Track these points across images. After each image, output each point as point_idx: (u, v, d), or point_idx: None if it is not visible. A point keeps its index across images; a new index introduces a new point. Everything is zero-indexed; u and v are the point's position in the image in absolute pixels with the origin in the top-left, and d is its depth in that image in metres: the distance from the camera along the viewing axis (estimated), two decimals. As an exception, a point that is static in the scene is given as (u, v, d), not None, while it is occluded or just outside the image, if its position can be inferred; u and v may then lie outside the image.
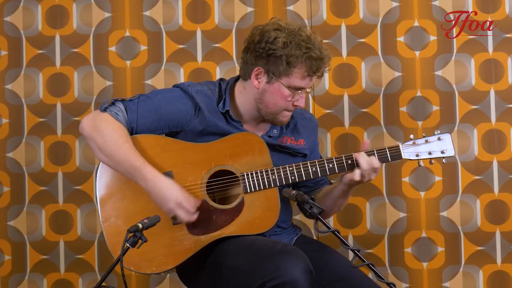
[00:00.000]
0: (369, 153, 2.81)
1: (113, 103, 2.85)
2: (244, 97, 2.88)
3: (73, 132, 3.63)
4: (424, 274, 3.57)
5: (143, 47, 3.65)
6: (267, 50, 2.78)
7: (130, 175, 2.78)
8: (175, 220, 2.76)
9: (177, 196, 2.74)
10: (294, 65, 2.75)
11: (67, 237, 3.64)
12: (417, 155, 2.84)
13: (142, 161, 2.77)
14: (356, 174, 2.77)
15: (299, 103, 2.82)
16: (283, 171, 2.81)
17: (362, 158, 2.78)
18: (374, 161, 2.78)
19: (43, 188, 3.65)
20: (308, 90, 2.82)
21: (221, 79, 2.96)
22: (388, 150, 2.82)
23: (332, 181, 3.07)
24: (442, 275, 3.57)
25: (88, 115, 2.86)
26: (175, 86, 2.93)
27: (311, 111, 3.56)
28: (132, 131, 2.84)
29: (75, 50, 3.67)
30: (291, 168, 2.81)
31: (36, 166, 3.65)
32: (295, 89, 2.79)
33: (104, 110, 2.84)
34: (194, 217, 2.77)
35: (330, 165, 2.82)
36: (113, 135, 2.78)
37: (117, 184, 2.82)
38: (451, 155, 2.85)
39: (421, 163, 2.86)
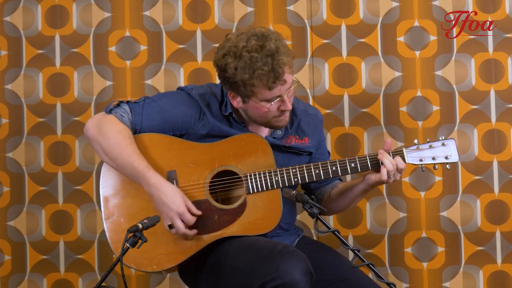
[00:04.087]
0: (363, 157, 2.82)
1: (118, 105, 2.86)
2: (242, 112, 2.88)
3: (73, 132, 3.63)
4: (424, 274, 3.57)
5: (143, 47, 3.65)
6: (224, 78, 2.76)
7: (133, 178, 2.79)
8: (170, 228, 2.76)
9: (179, 206, 2.74)
10: (251, 86, 2.72)
11: (67, 237, 3.64)
12: (420, 160, 2.83)
13: (145, 165, 2.77)
14: (383, 175, 2.78)
15: (284, 107, 2.78)
16: (286, 173, 2.80)
17: (386, 159, 2.78)
18: (399, 160, 2.79)
19: (43, 188, 3.64)
20: (285, 94, 2.75)
21: None
22: (392, 155, 2.81)
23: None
24: (442, 275, 3.57)
25: (93, 117, 2.86)
26: (180, 89, 2.93)
27: (311, 111, 3.56)
28: (135, 133, 2.84)
29: (75, 50, 3.66)
30: (294, 170, 2.81)
31: (36, 166, 3.65)
32: (270, 100, 2.76)
33: (110, 112, 2.84)
34: (191, 232, 2.77)
35: (333, 168, 2.82)
36: (117, 137, 2.78)
37: (121, 182, 2.83)
38: (455, 161, 2.84)
39: (425, 168, 2.86)
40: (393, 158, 2.80)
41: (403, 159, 2.82)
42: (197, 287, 2.87)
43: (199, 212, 2.77)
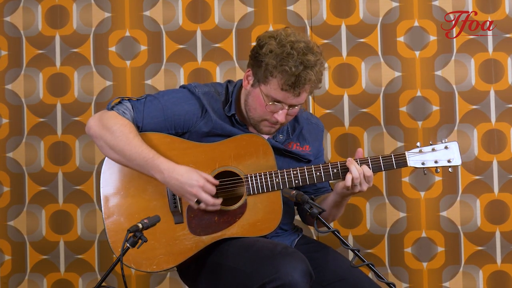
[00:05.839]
0: (363, 161, 2.80)
1: (120, 102, 2.85)
2: (243, 98, 2.88)
3: (73, 132, 3.64)
4: (424, 274, 3.57)
5: (143, 47, 3.65)
6: (255, 53, 2.78)
7: (143, 168, 2.77)
8: (198, 203, 2.75)
9: (198, 180, 2.73)
10: (270, 74, 2.73)
11: (67, 237, 3.64)
12: (423, 163, 2.81)
13: (154, 153, 2.76)
14: (348, 180, 2.76)
15: (278, 116, 2.78)
16: (287, 174, 2.80)
17: (353, 166, 2.77)
18: (366, 169, 2.77)
19: (43, 188, 3.65)
20: (287, 107, 2.76)
21: (229, 81, 2.94)
22: (394, 158, 2.81)
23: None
24: (442, 275, 3.57)
25: (94, 116, 2.85)
26: (182, 86, 2.93)
27: (311, 111, 3.56)
28: (137, 130, 2.84)
29: (75, 50, 3.67)
30: (295, 172, 2.80)
31: (36, 166, 3.65)
32: (272, 100, 2.76)
33: (111, 108, 2.83)
34: (218, 201, 2.76)
35: (335, 170, 2.82)
36: (123, 130, 2.78)
37: (121, 181, 2.82)
38: (458, 164, 2.82)
39: (426, 171, 2.84)
40: (360, 166, 2.78)
41: (405, 163, 2.80)
42: (197, 288, 2.88)
43: (217, 182, 2.76)
